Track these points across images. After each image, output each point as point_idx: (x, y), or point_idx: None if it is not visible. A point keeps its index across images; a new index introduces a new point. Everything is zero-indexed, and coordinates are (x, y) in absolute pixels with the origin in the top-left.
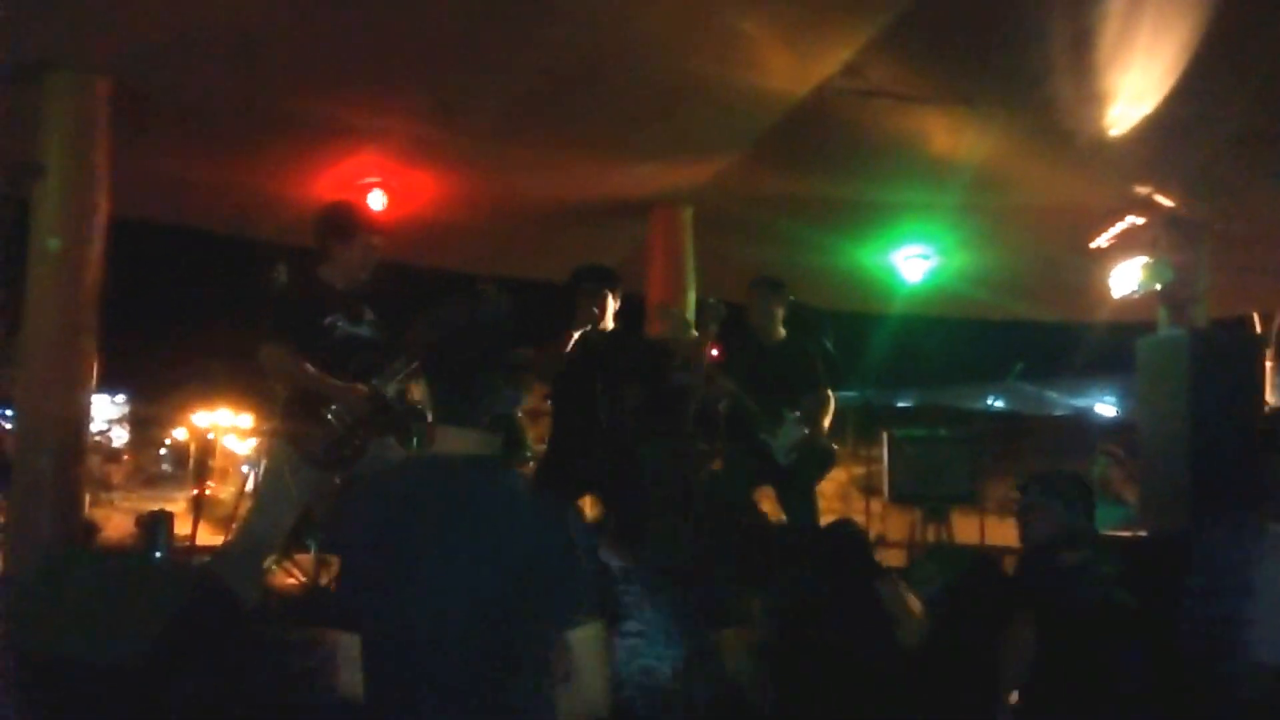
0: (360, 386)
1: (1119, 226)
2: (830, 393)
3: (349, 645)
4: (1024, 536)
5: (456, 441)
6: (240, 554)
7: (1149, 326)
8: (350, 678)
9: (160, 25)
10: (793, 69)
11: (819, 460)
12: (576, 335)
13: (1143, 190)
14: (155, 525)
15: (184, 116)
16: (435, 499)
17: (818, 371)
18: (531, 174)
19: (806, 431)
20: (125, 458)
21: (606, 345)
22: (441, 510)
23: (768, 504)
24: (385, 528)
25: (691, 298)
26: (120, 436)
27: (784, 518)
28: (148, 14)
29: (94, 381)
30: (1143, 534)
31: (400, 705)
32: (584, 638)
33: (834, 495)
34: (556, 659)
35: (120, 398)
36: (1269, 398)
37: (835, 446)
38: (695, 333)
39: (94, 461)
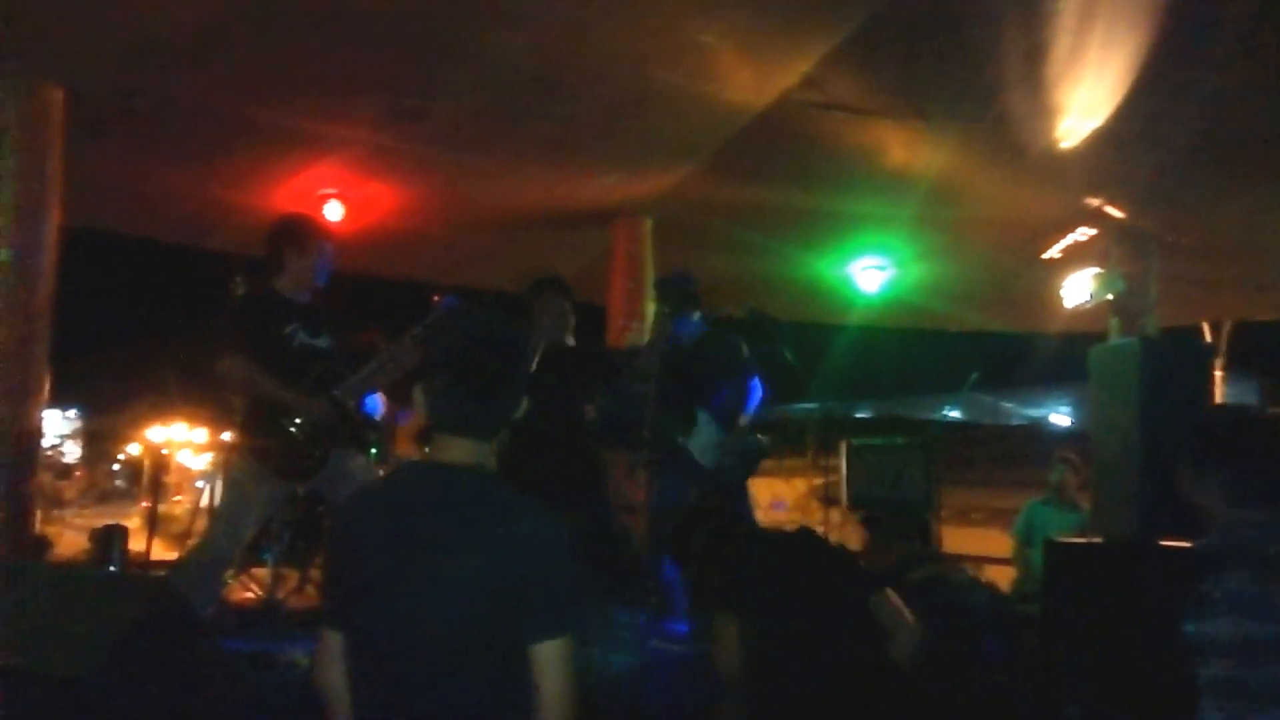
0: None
1: (1071, 238)
2: (750, 384)
3: (334, 641)
4: None
5: (457, 450)
6: (199, 566)
7: (1101, 336)
8: (330, 674)
9: (115, 32)
10: (752, 81)
11: (746, 457)
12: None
13: (1094, 203)
14: (109, 540)
15: (139, 125)
16: (433, 507)
17: (734, 367)
18: (491, 183)
19: (722, 433)
20: (78, 474)
21: (567, 358)
22: (438, 519)
23: None
24: (381, 532)
25: (651, 307)
26: (72, 452)
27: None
28: (102, 21)
29: (46, 395)
30: (1097, 540)
31: (384, 707)
32: (548, 651)
33: (794, 505)
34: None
35: (72, 413)
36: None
37: (764, 438)
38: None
39: (45, 478)
